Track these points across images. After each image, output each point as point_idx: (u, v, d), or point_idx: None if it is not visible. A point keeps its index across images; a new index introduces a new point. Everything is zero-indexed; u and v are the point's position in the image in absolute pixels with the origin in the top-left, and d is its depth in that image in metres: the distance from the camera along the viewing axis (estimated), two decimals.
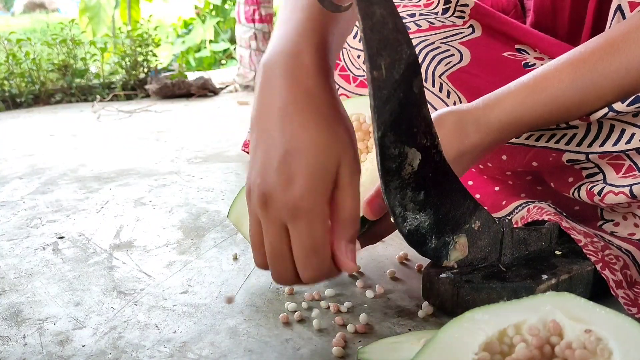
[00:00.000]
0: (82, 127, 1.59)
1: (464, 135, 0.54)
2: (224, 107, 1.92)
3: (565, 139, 0.60)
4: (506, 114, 0.54)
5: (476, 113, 0.54)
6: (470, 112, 0.55)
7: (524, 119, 0.54)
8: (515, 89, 0.55)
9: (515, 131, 0.55)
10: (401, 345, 0.47)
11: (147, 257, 0.70)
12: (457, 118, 0.54)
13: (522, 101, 0.53)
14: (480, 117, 0.54)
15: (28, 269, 0.67)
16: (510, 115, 0.54)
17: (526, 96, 0.53)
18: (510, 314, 0.40)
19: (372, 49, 0.42)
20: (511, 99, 0.54)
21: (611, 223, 0.62)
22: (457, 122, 0.54)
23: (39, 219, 0.84)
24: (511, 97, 0.54)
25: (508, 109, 0.54)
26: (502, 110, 0.54)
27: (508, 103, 0.54)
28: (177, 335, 0.53)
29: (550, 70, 0.54)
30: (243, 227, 0.55)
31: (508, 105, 0.54)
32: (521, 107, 0.53)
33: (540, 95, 0.53)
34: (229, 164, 1.13)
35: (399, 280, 0.63)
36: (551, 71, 0.53)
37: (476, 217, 0.52)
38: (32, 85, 2.02)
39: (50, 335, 0.53)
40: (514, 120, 0.54)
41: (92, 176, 1.07)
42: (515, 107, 0.54)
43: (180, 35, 3.82)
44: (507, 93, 0.55)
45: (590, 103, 0.53)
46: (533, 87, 0.54)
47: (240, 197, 0.58)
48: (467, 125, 0.54)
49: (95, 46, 2.20)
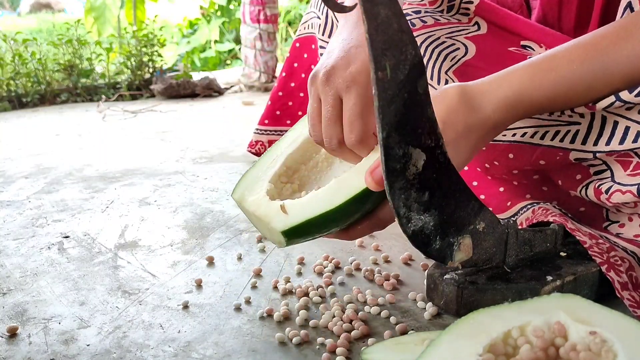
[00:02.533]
0: (87, 126, 1.60)
1: (471, 108, 0.52)
2: (229, 107, 1.92)
3: (569, 136, 0.60)
4: (513, 91, 0.52)
5: (482, 88, 0.53)
6: (477, 86, 0.53)
7: (532, 97, 0.52)
8: (524, 66, 0.53)
9: (522, 111, 0.53)
10: (405, 346, 0.47)
11: (151, 257, 0.70)
12: (463, 91, 0.53)
13: (531, 78, 0.52)
14: (487, 92, 0.53)
15: (33, 268, 0.68)
16: (518, 92, 0.52)
17: (534, 74, 0.52)
18: (514, 315, 0.40)
19: (377, 49, 0.42)
20: (519, 76, 0.53)
21: (616, 224, 0.61)
22: (464, 95, 0.52)
23: (45, 219, 0.85)
24: (519, 74, 0.53)
25: (515, 86, 0.52)
26: (509, 87, 0.52)
27: (516, 80, 0.52)
28: (182, 334, 0.53)
29: (561, 51, 0.52)
30: (246, 203, 0.56)
31: (516, 82, 0.52)
32: (529, 85, 0.52)
33: (549, 74, 0.52)
34: (234, 164, 1.13)
35: (403, 281, 0.63)
36: (561, 52, 0.52)
37: (481, 218, 0.52)
38: (38, 85, 2.03)
39: (55, 334, 0.53)
40: (521, 98, 0.52)
41: (97, 176, 1.07)
42: (523, 84, 0.52)
43: (186, 35, 3.84)
44: (514, 70, 0.53)
45: (598, 88, 0.52)
46: (542, 65, 0.52)
47: (246, 177, 0.59)
48: (474, 98, 0.52)
49: (101, 46, 2.21)
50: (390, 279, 0.62)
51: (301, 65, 1.05)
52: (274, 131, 1.09)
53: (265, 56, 2.24)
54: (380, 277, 0.62)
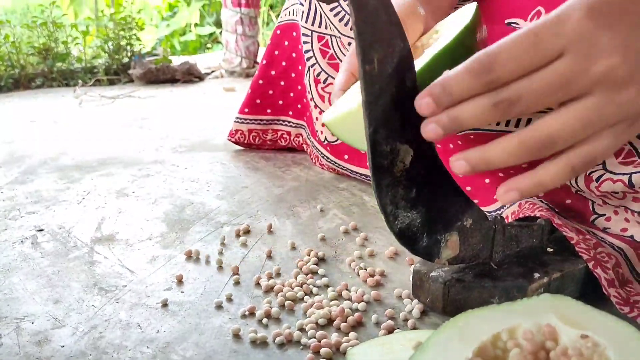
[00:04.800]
0: (63, 113, 1.55)
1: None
2: (210, 93, 1.88)
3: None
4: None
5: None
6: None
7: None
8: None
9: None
10: (391, 347, 0.46)
11: (129, 252, 0.68)
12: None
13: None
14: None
15: (5, 264, 0.65)
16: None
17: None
18: (504, 317, 0.39)
19: (365, 41, 0.41)
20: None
21: (603, 218, 0.61)
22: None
23: (18, 211, 0.82)
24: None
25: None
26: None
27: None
28: (160, 335, 0.51)
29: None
30: (339, 112, 0.53)
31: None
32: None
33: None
34: (215, 153, 1.11)
35: (388, 277, 0.62)
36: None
37: (468, 215, 0.51)
38: (12, 69, 1.97)
39: (28, 334, 0.51)
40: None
41: (73, 165, 1.04)
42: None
43: (165, 18, 3.76)
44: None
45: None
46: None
47: (332, 107, 0.57)
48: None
49: (77, 29, 2.15)
50: (375, 274, 0.61)
51: (282, 53, 1.02)
52: (254, 120, 1.07)
53: (246, 41, 2.20)
54: (365, 272, 0.61)
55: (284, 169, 1.00)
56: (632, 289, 0.54)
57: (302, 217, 0.78)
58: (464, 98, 0.41)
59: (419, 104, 0.42)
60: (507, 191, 0.43)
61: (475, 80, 0.40)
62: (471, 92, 0.40)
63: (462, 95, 0.40)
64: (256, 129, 1.08)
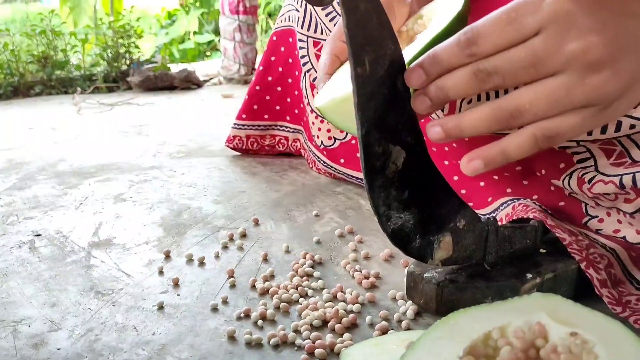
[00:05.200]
0: (62, 120, 1.56)
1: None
2: (208, 100, 1.89)
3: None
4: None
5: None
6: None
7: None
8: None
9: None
10: (385, 347, 0.46)
11: (126, 256, 0.68)
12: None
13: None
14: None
15: (3, 268, 0.65)
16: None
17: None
18: (495, 316, 0.39)
19: (356, 44, 0.41)
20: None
21: (596, 219, 0.61)
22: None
23: (15, 216, 0.82)
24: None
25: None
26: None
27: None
28: (156, 337, 0.51)
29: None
30: (333, 97, 0.50)
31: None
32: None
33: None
34: (212, 158, 1.12)
35: (383, 279, 0.62)
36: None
37: (461, 216, 0.52)
38: (11, 77, 1.98)
39: (25, 337, 0.52)
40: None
41: (71, 171, 1.04)
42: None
43: (164, 26, 3.78)
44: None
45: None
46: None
47: (324, 88, 0.55)
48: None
49: (76, 37, 2.16)
50: (370, 277, 0.61)
51: (278, 59, 1.03)
52: (252, 126, 1.08)
53: (244, 48, 2.21)
54: (360, 274, 0.61)
55: (280, 173, 1.00)
56: (625, 289, 0.55)
57: (298, 221, 0.79)
58: (452, 68, 0.42)
59: (410, 76, 0.43)
60: (471, 160, 0.44)
61: (461, 51, 0.41)
62: (457, 62, 0.42)
63: (450, 64, 0.42)
64: (254, 134, 1.09)
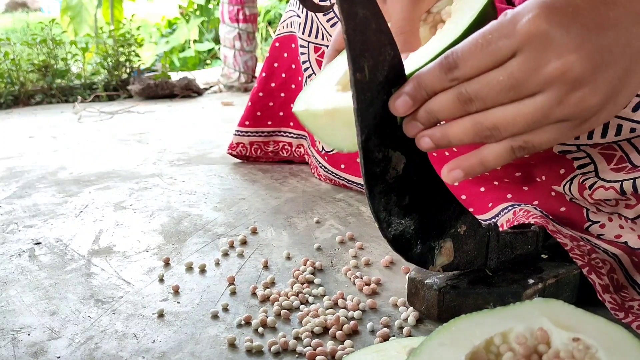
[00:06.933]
0: (62, 128, 1.56)
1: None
2: (208, 108, 1.89)
3: None
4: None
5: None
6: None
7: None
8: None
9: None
10: (386, 354, 0.46)
11: (126, 263, 0.68)
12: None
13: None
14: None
15: (3, 277, 0.65)
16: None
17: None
18: (496, 321, 0.39)
19: (355, 50, 0.41)
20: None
21: (597, 225, 0.61)
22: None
23: (16, 224, 0.82)
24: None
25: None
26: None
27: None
28: (156, 345, 0.51)
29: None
30: (313, 106, 0.49)
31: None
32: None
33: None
34: (212, 166, 1.12)
35: (384, 286, 0.62)
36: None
37: (462, 221, 0.51)
38: (12, 86, 1.99)
39: (24, 346, 0.51)
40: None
41: (71, 179, 1.04)
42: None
43: (164, 35, 3.79)
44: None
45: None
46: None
47: (305, 91, 0.53)
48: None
49: (77, 46, 2.17)
50: (371, 283, 0.61)
51: (281, 65, 1.03)
52: (255, 132, 1.08)
53: (244, 56, 2.22)
54: (361, 281, 0.61)
55: (281, 180, 1.00)
56: (627, 294, 0.55)
57: (298, 228, 0.78)
58: (436, 92, 0.42)
59: (396, 104, 0.43)
60: (451, 170, 0.44)
61: (443, 75, 0.41)
62: (440, 86, 0.42)
63: (434, 89, 0.42)
64: (258, 141, 1.09)
